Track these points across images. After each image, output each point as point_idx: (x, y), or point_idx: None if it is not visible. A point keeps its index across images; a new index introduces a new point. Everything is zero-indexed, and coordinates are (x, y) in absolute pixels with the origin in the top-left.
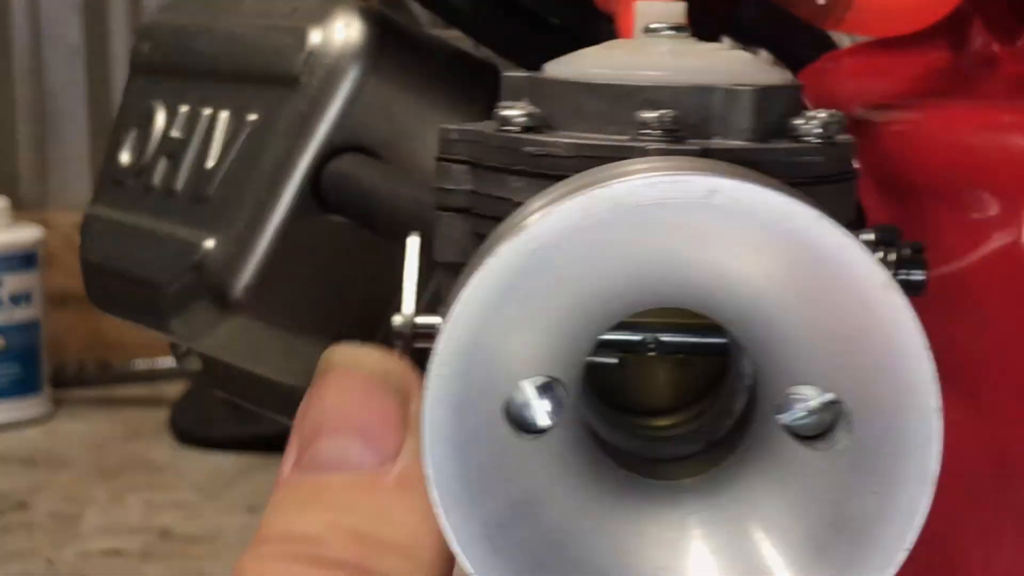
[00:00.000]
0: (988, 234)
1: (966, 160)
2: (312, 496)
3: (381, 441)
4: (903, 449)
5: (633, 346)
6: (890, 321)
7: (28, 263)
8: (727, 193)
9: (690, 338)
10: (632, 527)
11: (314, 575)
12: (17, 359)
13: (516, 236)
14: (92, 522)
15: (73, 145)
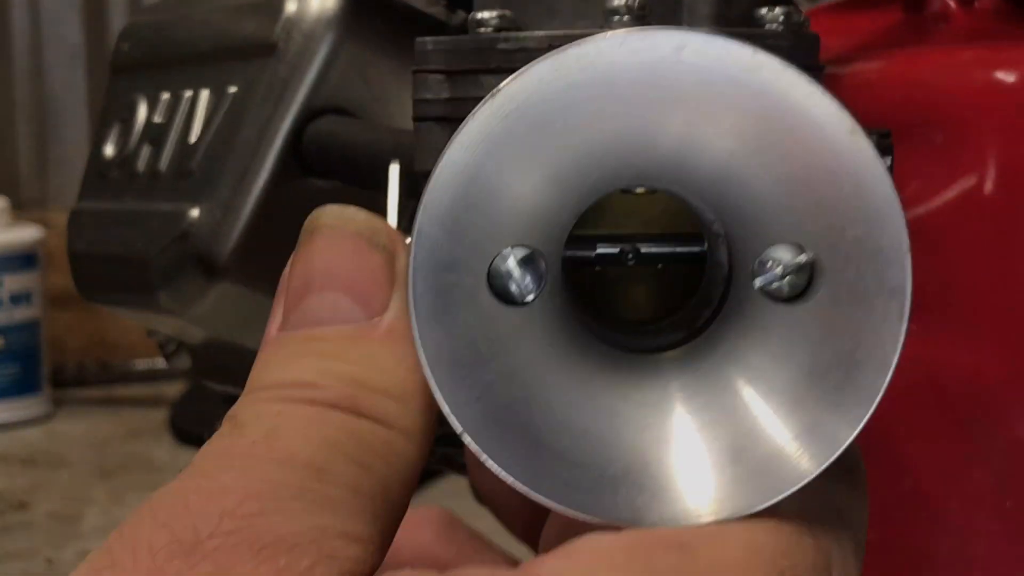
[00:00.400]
0: (953, 172)
1: (926, 99)
2: (303, 348)
3: (370, 296)
4: (876, 292)
5: (612, 258)
6: (858, 164)
7: (28, 263)
8: (695, 47)
9: (668, 247)
10: (616, 392)
11: (309, 413)
12: (17, 359)
13: (492, 99)
14: (92, 522)
15: (73, 145)
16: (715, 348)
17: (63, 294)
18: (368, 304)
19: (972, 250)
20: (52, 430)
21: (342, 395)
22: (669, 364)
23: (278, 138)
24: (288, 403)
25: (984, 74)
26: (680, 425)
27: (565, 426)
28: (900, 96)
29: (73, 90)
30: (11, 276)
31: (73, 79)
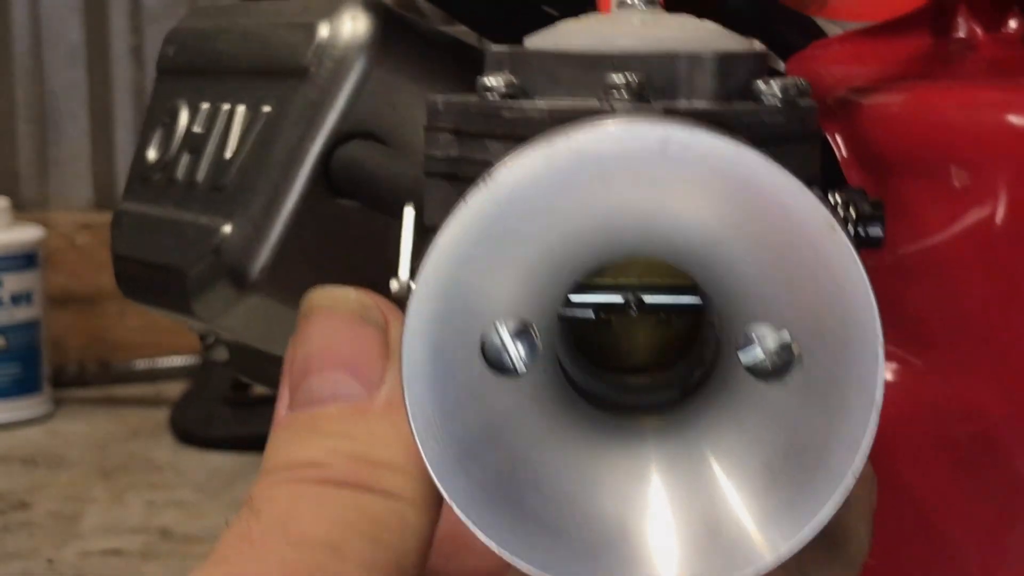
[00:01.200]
0: (967, 208)
1: (945, 137)
2: (310, 428)
3: (367, 371)
4: (849, 379)
5: (615, 307)
6: (834, 259)
7: (28, 263)
8: (678, 141)
9: (670, 297)
10: (598, 459)
11: (320, 493)
12: (17, 359)
13: (484, 185)
14: (92, 522)
15: (73, 145)
16: (697, 420)
17: (63, 294)
18: (366, 379)
19: (978, 287)
20: (52, 430)
21: (349, 472)
22: (652, 434)
23: (308, 160)
24: (299, 484)
25: (1000, 116)
26: (657, 497)
27: (552, 496)
28: (919, 132)
29: (73, 90)
30: (11, 276)
31: (73, 79)
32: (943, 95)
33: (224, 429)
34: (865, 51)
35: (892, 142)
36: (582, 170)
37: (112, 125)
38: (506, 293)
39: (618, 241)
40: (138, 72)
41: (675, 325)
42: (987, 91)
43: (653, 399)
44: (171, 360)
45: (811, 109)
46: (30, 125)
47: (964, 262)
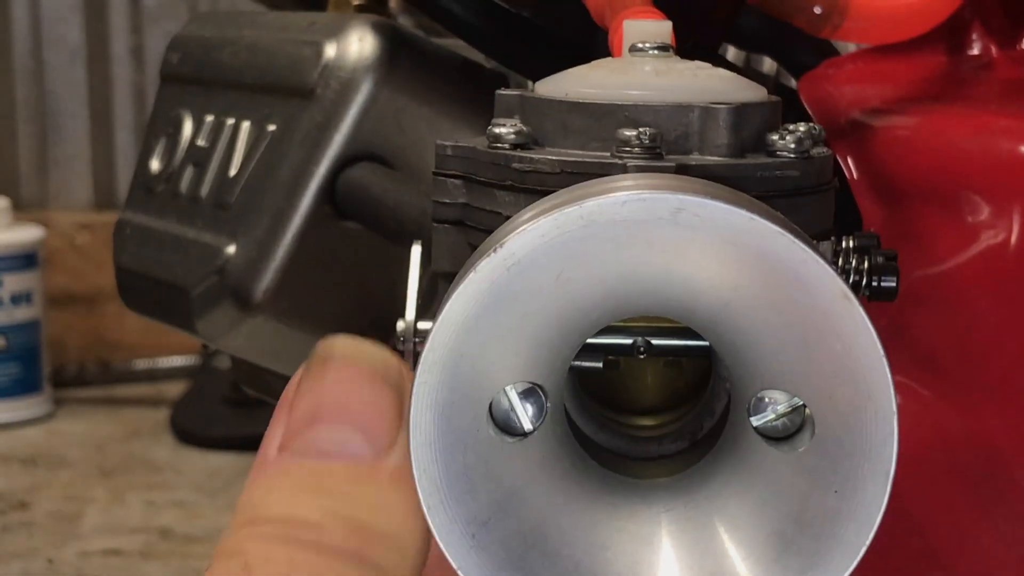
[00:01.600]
0: (978, 235)
1: (958, 164)
2: (311, 482)
3: (378, 434)
4: (862, 449)
5: (624, 349)
6: (848, 330)
7: (28, 263)
8: (692, 210)
9: (678, 341)
10: (610, 523)
11: (315, 562)
12: (17, 359)
13: (494, 253)
14: (92, 522)
15: (73, 145)
16: (707, 482)
17: (63, 294)
18: (376, 442)
19: (989, 315)
20: (52, 430)
21: (348, 542)
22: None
23: (313, 182)
24: (295, 547)
25: (1013, 145)
26: (666, 562)
27: (560, 561)
28: (932, 158)
29: (73, 90)
30: (11, 276)
31: (73, 79)
32: (956, 121)
33: (224, 429)
34: (878, 70)
35: (904, 167)
36: (593, 237)
37: (112, 125)
38: (515, 358)
39: (629, 304)
40: (138, 72)
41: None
42: (1001, 118)
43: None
44: (171, 360)
45: (825, 159)
46: (30, 125)
47: (975, 290)
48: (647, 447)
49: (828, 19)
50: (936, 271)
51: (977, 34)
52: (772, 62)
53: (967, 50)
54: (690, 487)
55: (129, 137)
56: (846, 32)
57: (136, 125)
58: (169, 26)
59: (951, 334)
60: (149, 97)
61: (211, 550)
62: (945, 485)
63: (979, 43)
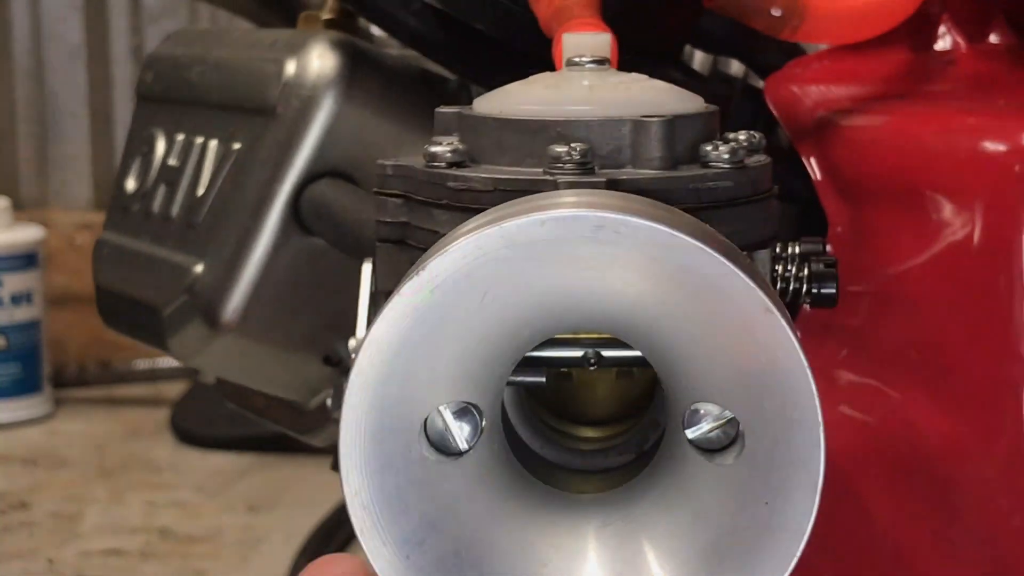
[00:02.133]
0: (941, 234)
1: (921, 163)
2: None
3: None
4: (790, 461)
5: (575, 362)
6: (773, 342)
7: (28, 263)
8: (612, 228)
9: (629, 352)
10: (548, 539)
11: None
12: (18, 359)
13: (417, 276)
14: (92, 522)
15: (73, 145)
16: (645, 495)
17: (63, 294)
18: None
19: (953, 313)
20: (53, 430)
21: None
22: (598, 509)
23: (278, 200)
24: None
25: (975, 143)
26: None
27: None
28: (895, 157)
29: (73, 90)
30: (11, 276)
31: (73, 79)
32: (919, 120)
33: (224, 429)
34: (844, 69)
35: (868, 166)
36: (515, 257)
37: (112, 125)
38: (447, 377)
39: (559, 320)
40: (138, 72)
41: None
42: (963, 116)
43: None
44: (171, 360)
45: (762, 168)
46: (30, 125)
47: (940, 289)
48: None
49: (787, 21)
50: (901, 270)
51: (946, 28)
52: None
53: (935, 45)
54: (629, 501)
55: None
56: (806, 33)
57: None
58: (169, 26)
59: (917, 334)
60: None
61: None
62: (914, 485)
63: (947, 37)
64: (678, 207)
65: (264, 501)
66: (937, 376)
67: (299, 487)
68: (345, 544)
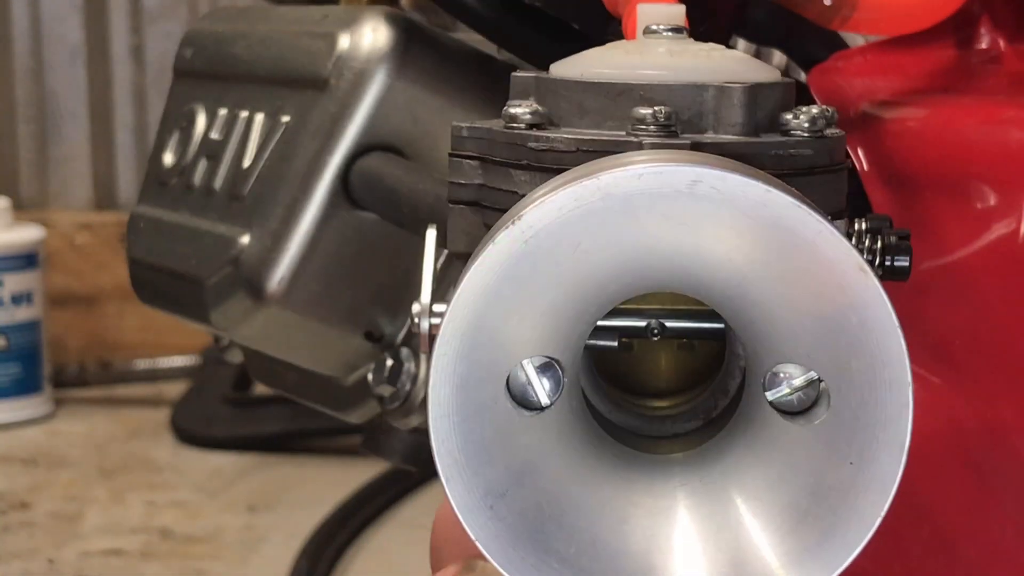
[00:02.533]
0: (988, 225)
1: (967, 154)
2: None
3: None
4: (877, 421)
5: (638, 332)
6: (864, 301)
7: (28, 263)
8: (708, 182)
9: (692, 323)
10: (626, 497)
11: None
12: (18, 359)
13: (512, 225)
14: (92, 522)
15: (73, 145)
16: (723, 456)
17: (63, 294)
18: None
19: (1000, 304)
20: (53, 430)
21: None
22: (678, 469)
23: (327, 172)
24: None
25: (1020, 134)
26: (684, 535)
27: (577, 534)
28: (941, 148)
29: (73, 89)
30: (11, 276)
31: (73, 78)
32: (965, 111)
33: (224, 429)
34: (887, 63)
35: (914, 158)
36: (610, 209)
37: (112, 125)
38: (532, 330)
39: (645, 278)
40: (138, 72)
41: (697, 351)
42: (1009, 108)
43: (676, 428)
44: (171, 360)
45: (839, 139)
46: (30, 125)
47: (985, 279)
48: (662, 426)
49: (838, 11)
50: (946, 261)
51: (985, 28)
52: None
53: (975, 44)
54: (704, 462)
55: (129, 137)
56: (856, 24)
57: (136, 125)
58: (169, 26)
59: (962, 323)
60: (149, 97)
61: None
62: (955, 473)
63: (987, 37)
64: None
65: (264, 501)
66: (982, 365)
67: (299, 487)
68: (346, 544)
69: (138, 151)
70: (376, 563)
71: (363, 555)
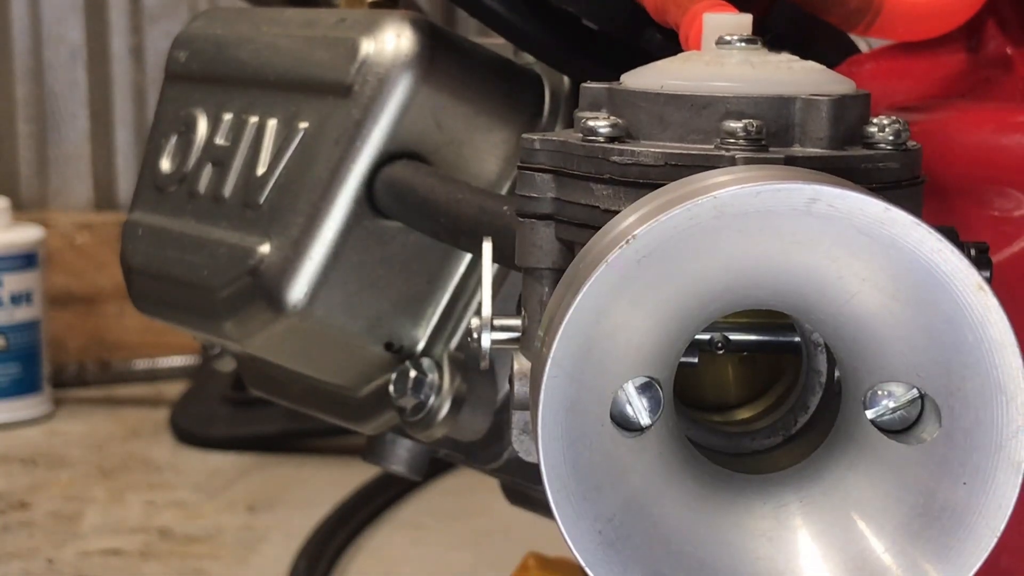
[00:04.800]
0: (1012, 229)
1: (989, 158)
2: None
3: None
4: (993, 441)
5: (702, 345)
6: (982, 320)
7: (28, 263)
8: (827, 200)
9: (758, 336)
10: (730, 520)
11: None
12: (17, 359)
13: (627, 245)
14: (92, 522)
15: (73, 145)
16: (820, 475)
17: (63, 294)
18: None
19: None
20: (52, 430)
21: None
22: (779, 488)
23: (351, 180)
24: None
25: None
26: (803, 552)
27: (683, 557)
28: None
29: (73, 89)
30: (11, 276)
31: (73, 78)
32: (982, 117)
33: (224, 429)
34: (899, 68)
35: (936, 162)
36: (724, 228)
37: (112, 125)
38: (637, 350)
39: (749, 296)
40: (138, 72)
41: (759, 365)
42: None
43: (755, 445)
44: (171, 360)
45: (918, 151)
46: (30, 125)
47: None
48: (740, 442)
49: (863, 15)
50: None
51: (993, 33)
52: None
53: (984, 49)
54: (806, 480)
55: (129, 137)
56: (879, 29)
57: (136, 125)
58: (169, 26)
59: None
60: (149, 97)
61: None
62: None
63: (995, 42)
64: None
65: (264, 501)
66: None
67: (299, 487)
68: (346, 544)
69: (138, 151)
70: (376, 563)
71: (362, 555)
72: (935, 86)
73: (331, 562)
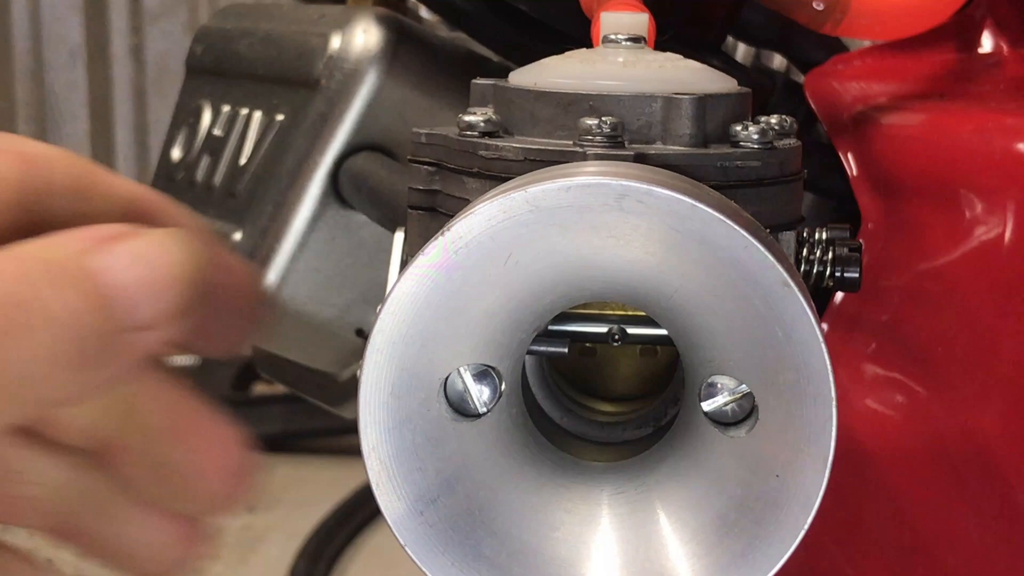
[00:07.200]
0: (975, 232)
1: (956, 161)
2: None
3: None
4: (803, 435)
5: (599, 337)
6: (789, 316)
7: None
8: (635, 196)
9: (652, 330)
10: (559, 504)
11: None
12: None
13: (442, 235)
14: None
15: (73, 145)
16: (658, 466)
17: None
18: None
19: (984, 311)
20: None
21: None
22: (614, 478)
23: (318, 171)
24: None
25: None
26: (606, 545)
27: (507, 540)
28: (931, 154)
29: (73, 89)
30: None
31: (73, 78)
32: (956, 119)
33: None
34: (885, 67)
35: (903, 163)
36: (538, 222)
37: (112, 125)
38: (467, 339)
39: (583, 288)
40: (138, 72)
41: (660, 358)
42: (1000, 116)
43: (627, 435)
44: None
45: (791, 150)
46: (30, 125)
47: (971, 287)
48: (612, 432)
49: (829, 15)
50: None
51: (989, 32)
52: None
53: (977, 48)
54: (643, 471)
55: (129, 137)
56: (847, 28)
57: (136, 125)
58: (169, 26)
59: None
60: (149, 97)
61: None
62: (937, 481)
63: (990, 41)
64: (705, 184)
65: (263, 501)
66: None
67: (299, 487)
68: (346, 544)
69: (138, 150)
70: (375, 563)
71: (362, 555)
72: (920, 85)
73: (331, 562)
